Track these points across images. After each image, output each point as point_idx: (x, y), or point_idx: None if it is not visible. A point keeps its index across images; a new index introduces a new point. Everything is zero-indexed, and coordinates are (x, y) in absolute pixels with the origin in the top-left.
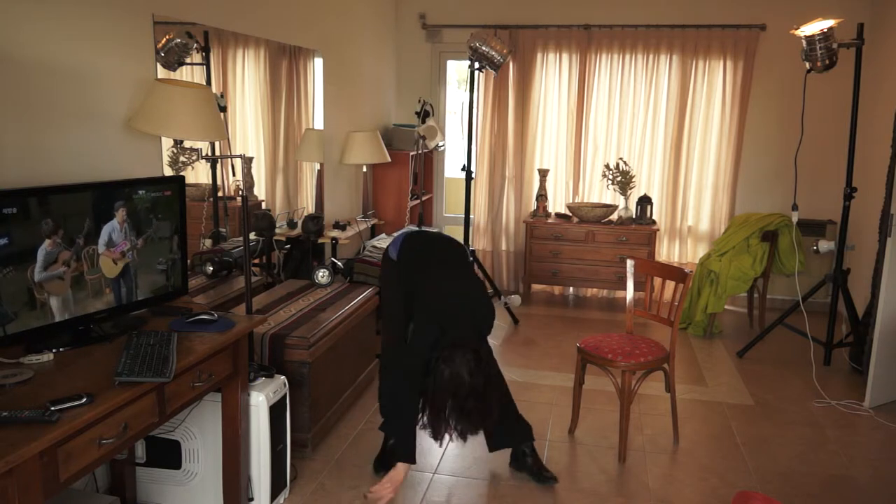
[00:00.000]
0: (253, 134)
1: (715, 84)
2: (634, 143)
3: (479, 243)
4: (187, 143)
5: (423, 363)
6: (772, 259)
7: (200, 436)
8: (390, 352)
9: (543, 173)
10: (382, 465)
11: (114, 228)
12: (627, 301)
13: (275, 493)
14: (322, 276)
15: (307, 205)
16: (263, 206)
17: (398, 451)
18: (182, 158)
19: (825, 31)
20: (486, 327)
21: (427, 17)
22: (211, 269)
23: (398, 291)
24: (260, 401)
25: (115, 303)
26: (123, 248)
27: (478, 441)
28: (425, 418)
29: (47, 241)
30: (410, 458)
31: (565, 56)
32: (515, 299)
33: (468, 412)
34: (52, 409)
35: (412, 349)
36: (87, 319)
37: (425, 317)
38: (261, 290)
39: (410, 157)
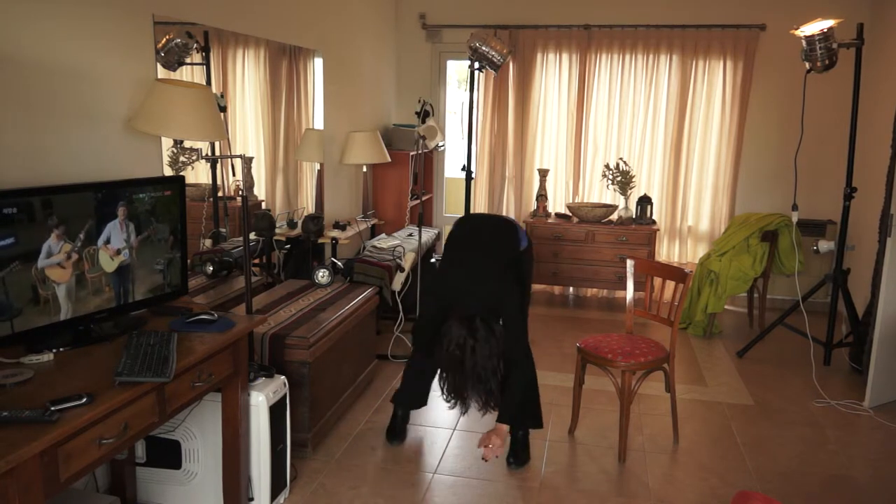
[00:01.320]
0: (253, 134)
1: (715, 84)
2: (634, 143)
3: None
4: (187, 143)
5: (429, 328)
6: (772, 259)
7: (200, 436)
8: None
9: (543, 173)
10: (394, 435)
11: (114, 227)
12: (627, 301)
13: (275, 493)
14: (322, 276)
15: (307, 205)
16: (263, 206)
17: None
18: (182, 158)
19: (825, 31)
20: (503, 315)
21: (427, 17)
22: (211, 269)
23: (442, 266)
24: (260, 401)
25: (116, 301)
26: (121, 245)
27: (477, 441)
28: (443, 387)
29: (53, 234)
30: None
31: (565, 56)
32: None
33: (474, 384)
34: (52, 409)
35: (419, 317)
36: (88, 319)
37: (437, 288)
38: (261, 290)
39: (410, 157)
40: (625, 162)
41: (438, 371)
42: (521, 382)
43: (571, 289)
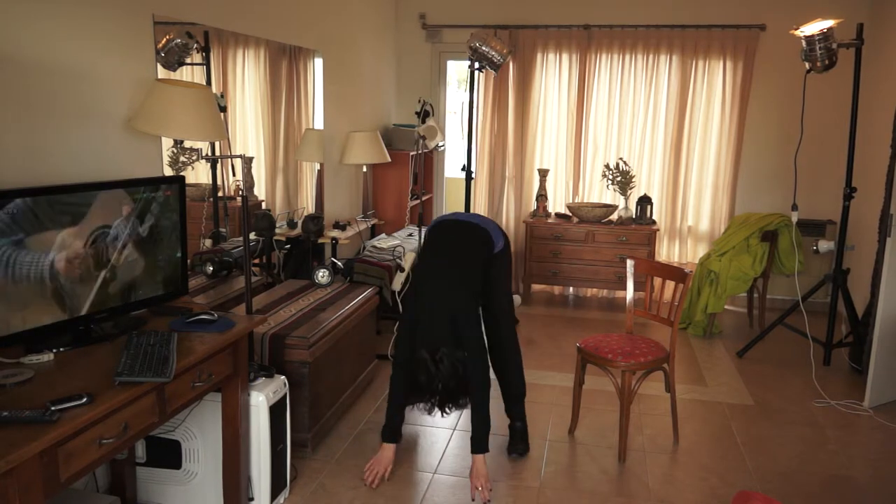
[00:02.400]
0: (253, 134)
1: (715, 84)
2: (634, 143)
3: None
4: (187, 143)
5: (406, 352)
6: (772, 259)
7: (200, 436)
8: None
9: (543, 173)
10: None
11: (117, 226)
12: (627, 301)
13: (275, 492)
14: (322, 276)
15: (307, 205)
16: (263, 206)
17: (382, 430)
18: (182, 158)
19: (825, 31)
20: (465, 341)
21: (427, 17)
22: (211, 269)
23: (423, 257)
24: (260, 401)
25: (118, 300)
26: (123, 244)
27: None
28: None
29: (64, 231)
30: (388, 438)
31: (565, 56)
32: (515, 299)
33: (440, 402)
34: (53, 409)
35: (400, 331)
36: (88, 319)
37: (410, 307)
38: (261, 290)
39: (410, 157)
40: (625, 162)
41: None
42: (484, 406)
43: (571, 289)
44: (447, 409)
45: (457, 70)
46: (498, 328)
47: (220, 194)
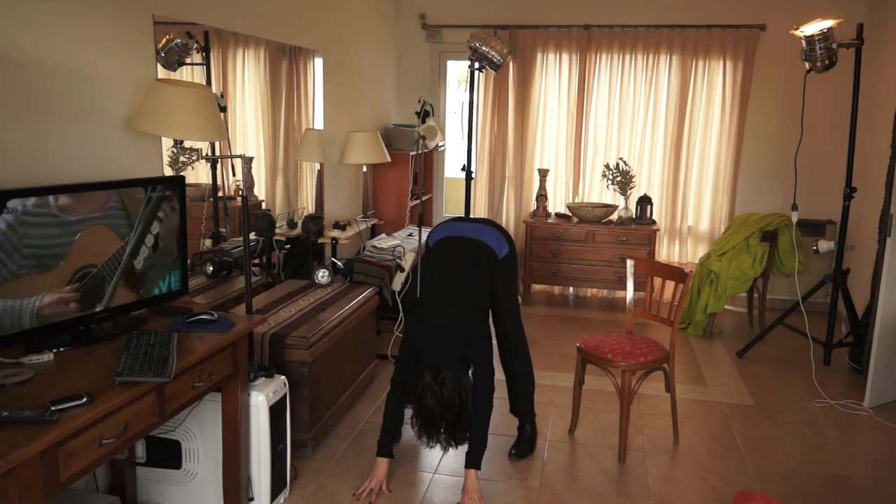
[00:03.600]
0: (253, 134)
1: (715, 84)
2: (634, 143)
3: None
4: (187, 143)
5: (405, 370)
6: (772, 259)
7: (200, 436)
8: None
9: (543, 173)
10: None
11: (116, 227)
12: (627, 301)
13: (275, 492)
14: (322, 276)
15: (307, 205)
16: (263, 206)
17: (377, 446)
18: (182, 158)
19: (825, 31)
20: (472, 361)
21: (427, 17)
22: (211, 269)
23: (425, 279)
24: (260, 401)
25: (118, 301)
26: (122, 244)
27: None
28: (416, 427)
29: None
30: (382, 453)
31: (565, 56)
32: None
33: (446, 430)
34: (53, 408)
35: (400, 355)
36: (88, 319)
37: (415, 325)
38: (261, 290)
39: (410, 157)
40: (625, 162)
41: (412, 415)
42: (484, 424)
43: (571, 289)
44: (452, 443)
45: (457, 70)
46: (504, 327)
47: (220, 194)
